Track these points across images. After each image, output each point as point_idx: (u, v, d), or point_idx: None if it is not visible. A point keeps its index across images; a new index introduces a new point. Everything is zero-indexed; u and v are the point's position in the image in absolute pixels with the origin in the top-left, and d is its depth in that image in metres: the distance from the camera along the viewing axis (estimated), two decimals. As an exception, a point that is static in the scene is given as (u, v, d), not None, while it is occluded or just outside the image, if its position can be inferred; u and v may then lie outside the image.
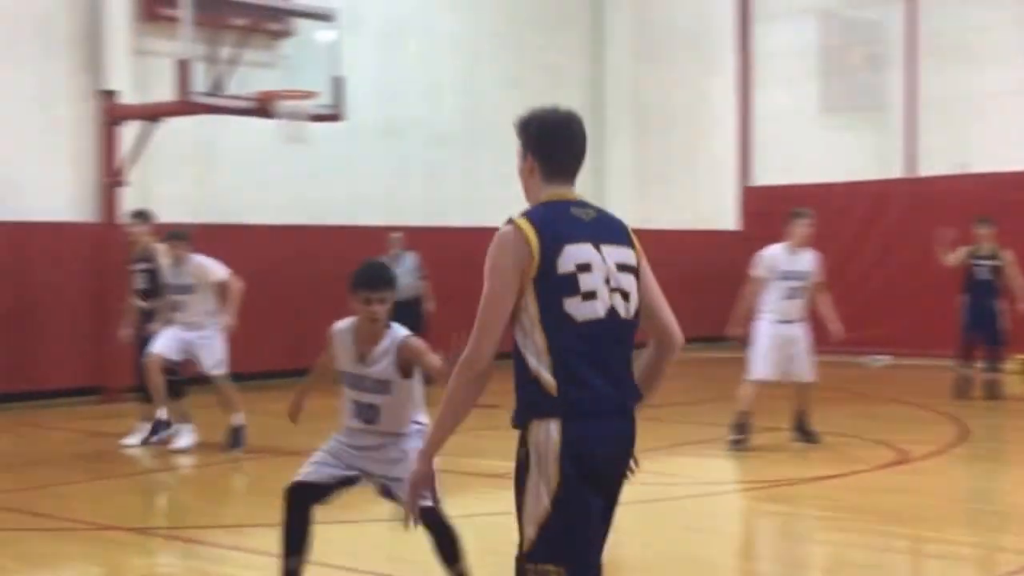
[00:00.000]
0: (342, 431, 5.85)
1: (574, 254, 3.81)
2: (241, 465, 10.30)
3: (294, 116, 13.71)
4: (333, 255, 15.43)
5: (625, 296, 3.96)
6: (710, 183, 22.20)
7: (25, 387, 13.84)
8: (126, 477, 9.99)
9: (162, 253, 10.97)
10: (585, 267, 3.82)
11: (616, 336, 3.95)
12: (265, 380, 14.74)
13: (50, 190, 14.59)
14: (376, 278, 5.72)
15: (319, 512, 5.68)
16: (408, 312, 15.20)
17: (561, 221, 3.85)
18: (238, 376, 11.20)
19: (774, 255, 10.71)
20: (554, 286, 3.79)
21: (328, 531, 8.04)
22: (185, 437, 10.73)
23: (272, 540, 5.68)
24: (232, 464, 10.21)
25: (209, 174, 16.00)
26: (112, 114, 14.39)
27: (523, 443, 3.93)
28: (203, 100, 13.42)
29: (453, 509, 8.44)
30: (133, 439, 10.83)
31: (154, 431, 10.71)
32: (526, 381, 3.89)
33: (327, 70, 14.25)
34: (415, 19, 18.43)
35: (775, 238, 11.03)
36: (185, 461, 10.53)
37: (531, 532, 3.97)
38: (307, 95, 13.85)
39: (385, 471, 5.74)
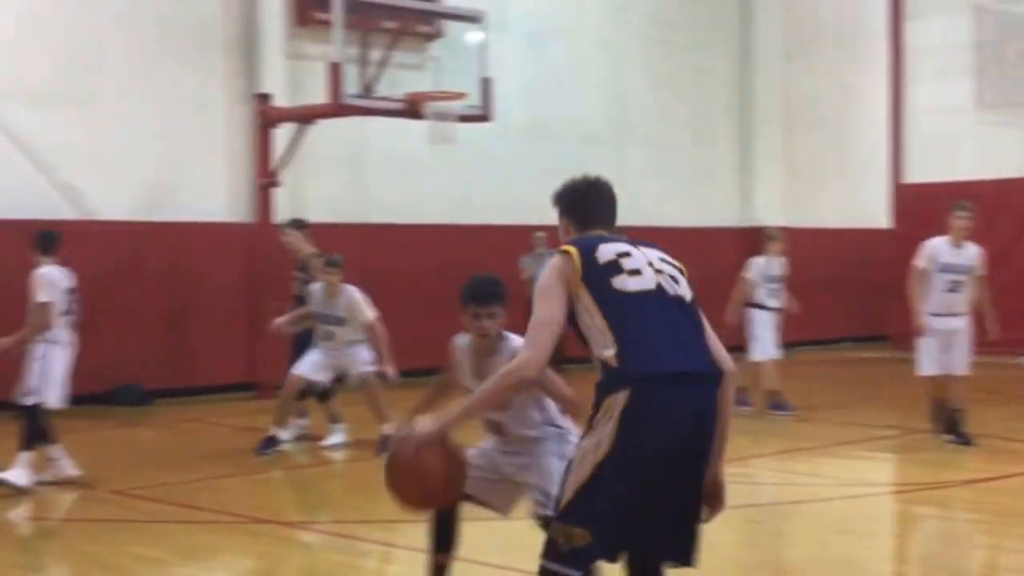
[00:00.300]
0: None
1: (612, 248, 4.17)
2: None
3: (443, 117, 13.85)
4: (481, 255, 15.55)
5: (674, 279, 4.19)
6: (861, 181, 21.76)
7: (183, 384, 14.27)
8: (279, 472, 10.21)
9: (314, 268, 11.13)
10: (624, 254, 4.15)
11: (673, 306, 4.11)
12: (410, 378, 14.92)
13: (206, 191, 15.02)
14: (484, 293, 5.41)
15: (470, 510, 5.69)
16: None
17: (595, 238, 4.27)
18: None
19: (935, 247, 10.51)
20: (600, 273, 4.09)
21: (479, 528, 8.12)
22: (336, 436, 10.91)
23: (422, 536, 5.74)
24: (383, 461, 10.30)
25: (359, 175, 16.28)
26: (266, 117, 14.74)
27: (594, 411, 4.04)
28: (354, 102, 13.64)
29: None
30: (284, 434, 11.04)
31: (269, 444, 10.49)
32: (600, 370, 4.04)
33: (475, 71, 14.36)
34: (563, 20, 18.47)
35: (928, 236, 10.78)
36: (336, 457, 10.71)
37: (569, 493, 4.02)
38: (456, 96, 13.97)
39: (523, 477, 5.52)
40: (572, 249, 4.18)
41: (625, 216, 17.18)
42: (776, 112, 20.71)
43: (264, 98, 14.86)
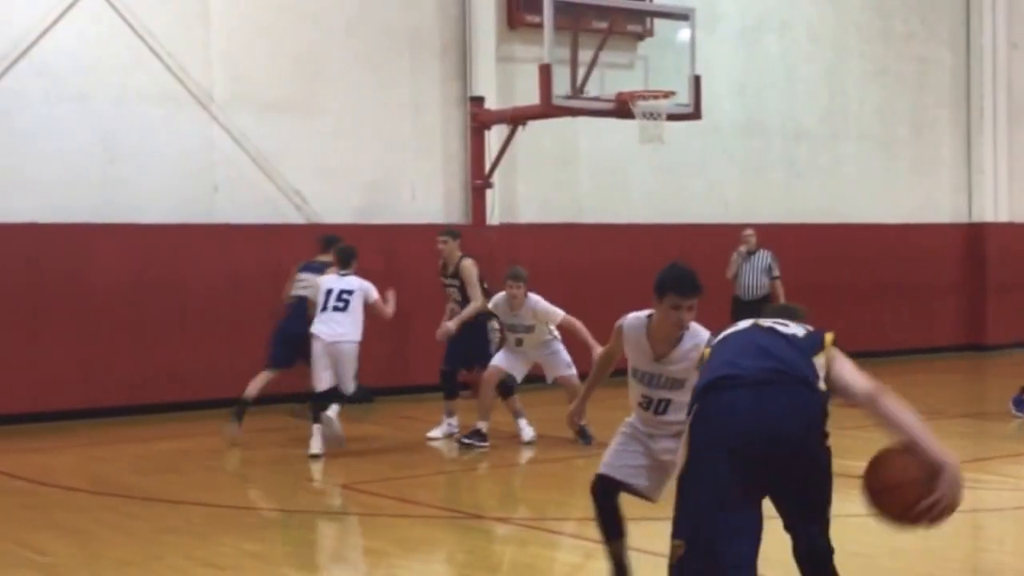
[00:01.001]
0: (633, 416, 5.77)
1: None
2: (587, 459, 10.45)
3: (652, 116, 13.81)
4: (691, 253, 15.42)
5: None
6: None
7: (401, 383, 14.64)
8: (496, 468, 10.37)
9: (467, 269, 11.36)
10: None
11: (762, 333, 4.31)
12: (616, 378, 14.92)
13: (423, 193, 15.37)
14: (689, 284, 5.34)
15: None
16: (756, 312, 14.89)
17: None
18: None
19: None
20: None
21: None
22: (526, 431, 11.02)
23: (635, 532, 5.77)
24: (578, 457, 10.33)
25: (569, 175, 16.39)
26: (479, 119, 14.98)
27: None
28: (564, 103, 13.73)
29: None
30: (437, 432, 11.25)
31: (474, 436, 10.74)
32: None
33: (685, 69, 14.28)
34: (774, 14, 18.18)
35: None
36: (529, 455, 10.79)
37: (674, 512, 4.15)
38: (665, 95, 13.91)
39: (672, 458, 5.42)
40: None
41: (842, 214, 17.01)
42: (1001, 103, 19.89)
43: (477, 101, 15.11)
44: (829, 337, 4.31)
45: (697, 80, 14.26)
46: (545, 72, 13.49)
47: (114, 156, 13.54)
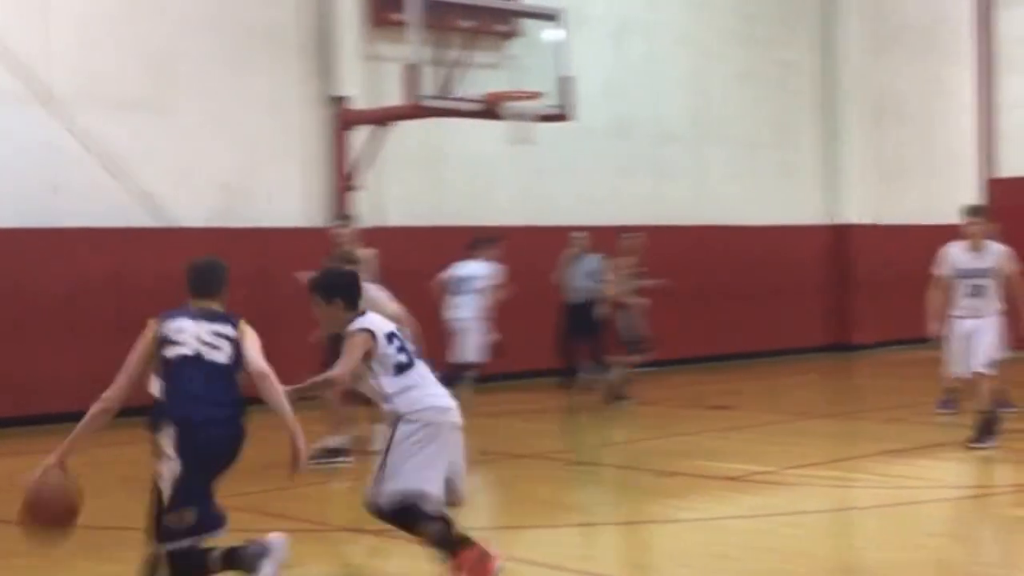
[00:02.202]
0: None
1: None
2: (478, 469, 10.27)
3: (522, 117, 13.74)
4: (557, 256, 15.40)
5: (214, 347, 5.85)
6: (949, 176, 21.24)
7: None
8: (357, 479, 10.11)
9: (365, 258, 10.97)
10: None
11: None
12: (512, 380, 14.81)
13: (284, 196, 15.01)
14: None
15: (545, 516, 5.51)
16: (581, 315, 14.94)
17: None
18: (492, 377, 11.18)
19: (951, 253, 10.69)
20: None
21: (566, 534, 7.96)
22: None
23: (515, 543, 5.57)
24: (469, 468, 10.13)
25: (438, 176, 16.18)
26: (344, 119, 14.70)
27: None
28: (432, 103, 13.57)
29: (688, 512, 8.29)
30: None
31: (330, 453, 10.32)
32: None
33: (554, 70, 14.21)
34: (642, 17, 18.25)
35: (1022, 231, 10.65)
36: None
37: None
38: (534, 96, 13.85)
39: None
40: None
41: (707, 215, 17.11)
42: (862, 107, 20.29)
43: (340, 100, 14.82)
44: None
45: (566, 81, 14.18)
46: (411, 72, 13.28)
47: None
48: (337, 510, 9.16)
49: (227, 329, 5.98)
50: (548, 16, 14.54)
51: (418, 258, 14.50)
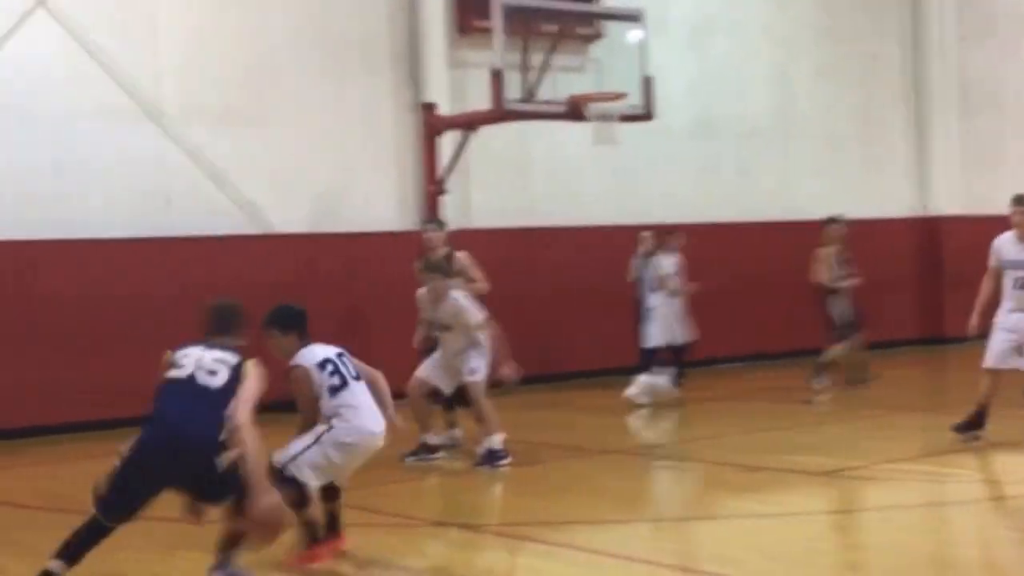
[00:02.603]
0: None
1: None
2: (565, 464, 10.45)
3: (605, 118, 13.82)
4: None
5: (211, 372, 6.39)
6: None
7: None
8: (447, 476, 10.33)
9: (462, 261, 11.15)
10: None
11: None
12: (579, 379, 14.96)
13: (376, 201, 15.33)
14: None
15: (633, 511, 5.65)
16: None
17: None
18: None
19: (999, 244, 10.56)
20: None
21: (654, 529, 8.09)
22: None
23: (598, 538, 5.75)
24: (554, 464, 10.35)
25: (524, 179, 16.39)
26: (432, 125, 14.96)
27: None
28: (517, 107, 13.72)
29: (777, 507, 8.34)
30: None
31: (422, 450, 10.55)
32: None
33: (636, 70, 14.31)
34: (724, 14, 18.28)
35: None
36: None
37: None
38: (617, 96, 13.93)
39: None
40: None
41: (794, 211, 17.05)
42: (951, 97, 20.08)
43: (429, 107, 15.08)
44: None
45: (648, 81, 14.29)
46: (496, 77, 13.47)
47: (62, 172, 13.41)
48: (425, 505, 9.36)
49: (231, 359, 6.36)
50: (630, 17, 14.62)
51: (504, 259, 14.73)
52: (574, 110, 13.77)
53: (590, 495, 9.04)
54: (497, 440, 10.06)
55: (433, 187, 14.98)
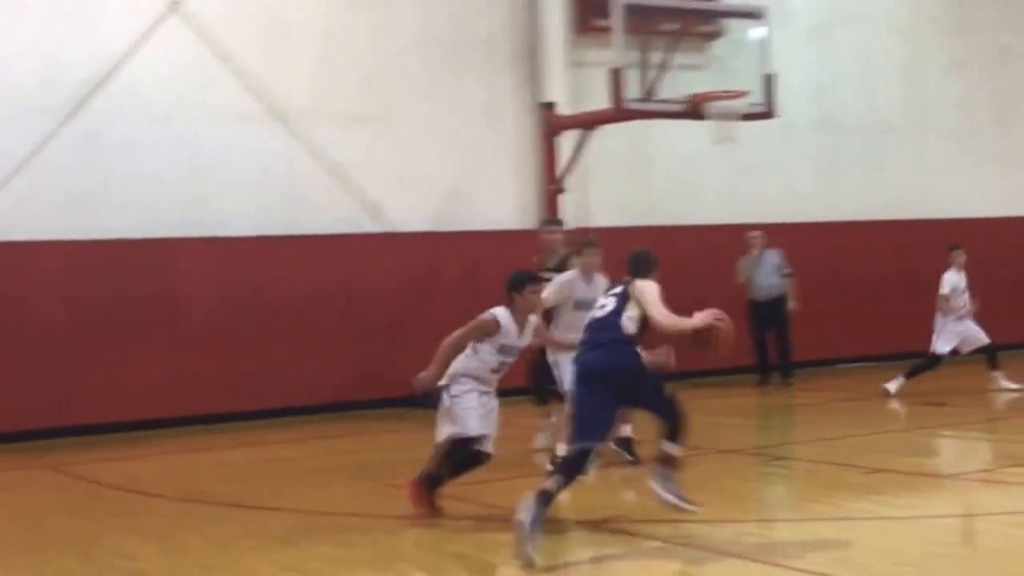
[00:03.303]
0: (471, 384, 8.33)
1: None
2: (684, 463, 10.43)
3: (726, 116, 13.76)
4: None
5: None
6: None
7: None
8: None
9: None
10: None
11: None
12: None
13: (497, 200, 15.48)
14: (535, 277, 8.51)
15: (753, 511, 5.65)
16: (772, 312, 14.98)
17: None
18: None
19: None
20: None
21: (772, 529, 8.07)
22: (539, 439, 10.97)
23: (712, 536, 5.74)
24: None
25: (644, 178, 16.39)
26: (552, 125, 15.04)
27: None
28: (636, 106, 13.74)
29: (901, 510, 8.24)
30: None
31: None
32: None
33: (758, 68, 14.21)
34: (848, 8, 18.03)
35: None
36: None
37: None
38: (738, 95, 13.85)
39: None
40: None
41: (925, 209, 16.67)
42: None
43: (549, 107, 15.17)
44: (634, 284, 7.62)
45: (770, 79, 14.18)
46: (616, 76, 13.50)
47: (198, 173, 13.83)
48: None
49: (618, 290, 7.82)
50: (751, 14, 14.53)
51: (624, 258, 14.73)
52: (694, 109, 13.74)
53: (708, 494, 9.02)
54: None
55: (552, 186, 15.07)
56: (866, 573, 6.56)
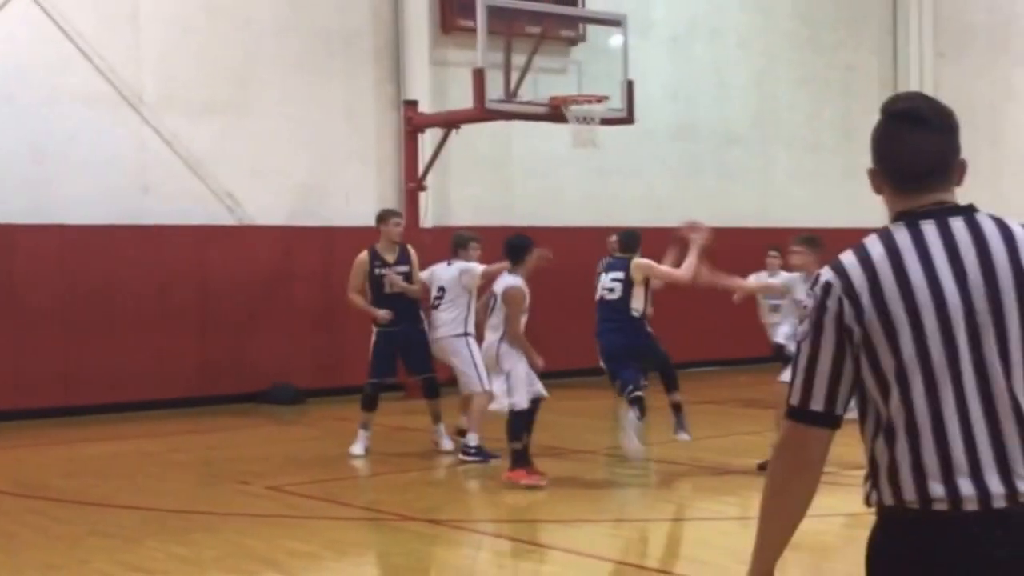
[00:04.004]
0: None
1: None
2: (539, 464, 10.51)
3: (585, 120, 13.93)
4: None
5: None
6: (1017, 179, 21.15)
7: (332, 383, 14.62)
8: (426, 471, 10.40)
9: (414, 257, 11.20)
10: None
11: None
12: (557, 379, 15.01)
13: (355, 196, 15.38)
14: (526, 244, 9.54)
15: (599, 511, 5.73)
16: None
17: None
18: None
19: None
20: None
21: (625, 529, 8.18)
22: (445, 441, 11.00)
23: (575, 537, 5.82)
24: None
25: (504, 178, 16.47)
26: (414, 123, 15.01)
27: None
28: (498, 107, 13.80)
29: (748, 510, 8.43)
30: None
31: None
32: None
33: (618, 74, 14.41)
34: (705, 21, 18.41)
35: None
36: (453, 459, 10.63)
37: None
38: (598, 99, 14.04)
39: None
40: None
41: (772, 217, 17.22)
42: (927, 111, 20.26)
43: (411, 104, 15.13)
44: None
45: (630, 85, 14.39)
46: (479, 76, 13.54)
47: (42, 157, 13.41)
48: (395, 500, 9.42)
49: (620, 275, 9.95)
50: (612, 21, 14.74)
51: (483, 257, 14.79)
52: (555, 112, 13.86)
53: (561, 495, 9.12)
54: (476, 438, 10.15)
55: (413, 184, 15.04)
56: (716, 572, 6.69)
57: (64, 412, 13.08)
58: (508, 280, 9.29)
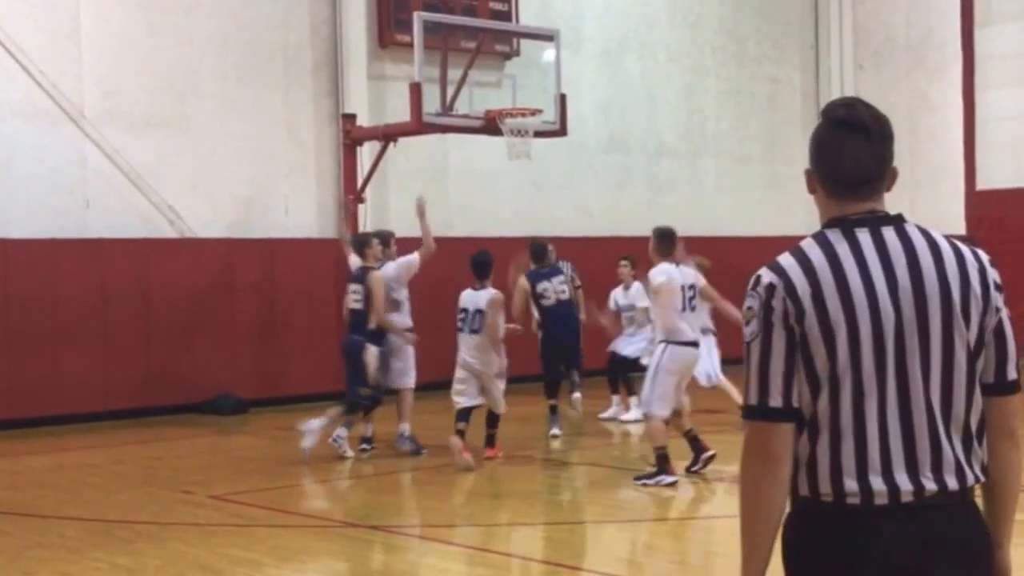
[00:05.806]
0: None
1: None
2: (480, 467, 10.75)
3: (519, 133, 14.20)
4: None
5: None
6: (934, 189, 21.70)
7: (275, 393, 14.78)
8: (367, 478, 10.60)
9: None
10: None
11: None
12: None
13: (294, 208, 15.55)
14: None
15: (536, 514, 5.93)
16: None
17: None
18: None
19: None
20: None
21: (558, 532, 8.42)
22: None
23: (510, 540, 6.01)
24: (445, 465, 10.62)
25: (441, 190, 16.70)
26: (352, 136, 15.21)
27: None
28: (434, 120, 14.03)
29: (679, 512, 8.64)
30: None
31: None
32: None
33: (551, 88, 14.72)
34: (636, 36, 18.81)
35: (1004, 242, 10.91)
36: (425, 463, 10.95)
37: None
38: (532, 112, 14.32)
39: None
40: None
41: (699, 227, 17.59)
42: (849, 122, 20.76)
43: (349, 118, 15.33)
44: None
45: (563, 98, 14.69)
46: (415, 90, 13.78)
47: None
48: (347, 507, 9.62)
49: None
50: (545, 36, 15.06)
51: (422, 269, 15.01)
52: (490, 125, 14.12)
53: (500, 499, 9.32)
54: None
55: (351, 196, 15.23)
56: (647, 572, 6.93)
57: (7, 425, 13.12)
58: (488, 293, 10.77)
